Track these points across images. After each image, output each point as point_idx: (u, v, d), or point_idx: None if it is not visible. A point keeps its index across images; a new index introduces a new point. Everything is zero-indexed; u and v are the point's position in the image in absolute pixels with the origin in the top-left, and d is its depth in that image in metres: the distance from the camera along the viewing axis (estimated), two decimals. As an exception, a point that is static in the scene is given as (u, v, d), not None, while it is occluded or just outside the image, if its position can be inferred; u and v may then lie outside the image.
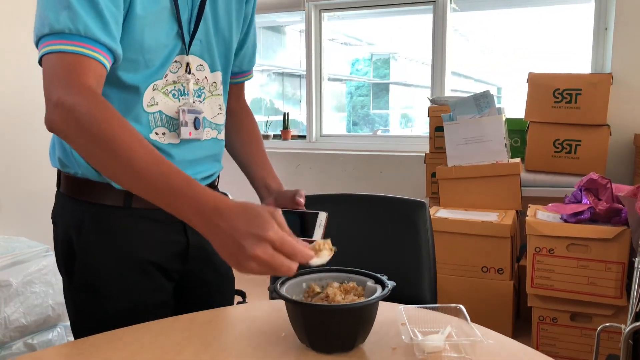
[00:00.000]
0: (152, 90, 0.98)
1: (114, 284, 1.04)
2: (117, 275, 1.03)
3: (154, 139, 1.00)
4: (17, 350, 1.69)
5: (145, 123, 0.99)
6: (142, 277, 1.05)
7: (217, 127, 1.10)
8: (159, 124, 1.00)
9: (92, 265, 1.03)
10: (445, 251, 2.37)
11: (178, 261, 1.11)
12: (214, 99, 1.08)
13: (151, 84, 0.97)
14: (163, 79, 0.99)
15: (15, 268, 1.68)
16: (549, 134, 2.72)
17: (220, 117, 1.11)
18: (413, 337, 0.91)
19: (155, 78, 0.98)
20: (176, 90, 1.01)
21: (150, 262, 1.06)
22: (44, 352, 0.94)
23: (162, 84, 0.99)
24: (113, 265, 1.03)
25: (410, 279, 1.37)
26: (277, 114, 4.19)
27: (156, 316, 1.04)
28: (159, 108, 0.99)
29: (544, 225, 2.13)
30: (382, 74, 5.51)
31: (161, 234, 1.06)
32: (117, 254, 1.03)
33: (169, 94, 1.00)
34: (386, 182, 3.39)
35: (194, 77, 1.02)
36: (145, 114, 0.98)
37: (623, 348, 1.70)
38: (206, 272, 1.18)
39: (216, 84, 1.08)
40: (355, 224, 1.47)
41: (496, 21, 3.80)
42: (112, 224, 1.02)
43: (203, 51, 1.04)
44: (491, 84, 4.39)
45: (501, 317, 2.34)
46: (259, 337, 0.97)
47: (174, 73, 1.00)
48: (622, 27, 2.84)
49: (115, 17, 0.87)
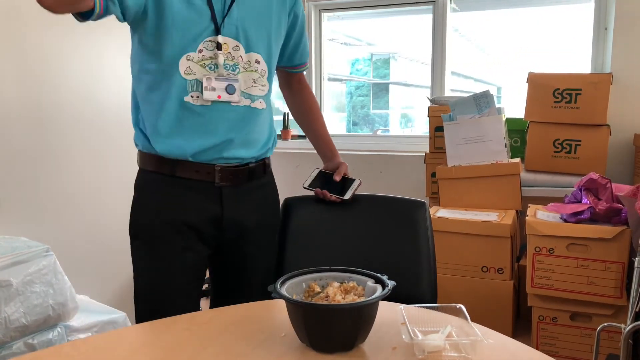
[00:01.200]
0: (187, 60, 1.22)
1: (154, 239, 1.29)
2: (156, 231, 1.28)
3: (187, 100, 1.24)
4: (18, 350, 1.69)
5: (183, 87, 1.23)
6: (176, 235, 1.28)
7: (249, 96, 1.31)
8: (194, 89, 1.24)
9: (137, 221, 1.31)
10: (445, 251, 2.37)
11: (212, 227, 1.32)
12: (248, 74, 1.30)
13: (184, 55, 1.22)
14: (197, 52, 1.23)
15: (15, 268, 1.68)
16: (548, 133, 2.72)
17: (254, 89, 1.32)
18: (413, 336, 0.91)
19: (188, 50, 1.22)
20: (213, 64, 1.25)
21: (184, 223, 1.28)
22: (44, 352, 0.95)
23: (197, 57, 1.23)
24: (153, 222, 1.29)
25: (410, 279, 1.37)
26: (277, 114, 4.18)
27: (188, 275, 1.30)
28: (196, 77, 1.24)
29: (544, 225, 2.13)
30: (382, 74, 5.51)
31: (198, 200, 1.29)
32: (158, 214, 1.29)
33: (205, 66, 1.24)
34: (386, 182, 3.39)
35: (228, 54, 1.26)
36: (183, 80, 1.23)
37: (623, 348, 1.70)
38: (242, 244, 1.38)
39: (250, 62, 1.30)
40: (355, 224, 1.47)
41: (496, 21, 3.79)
42: (157, 189, 1.30)
43: (239, 34, 1.27)
44: (491, 83, 4.38)
45: (501, 317, 2.34)
46: (259, 337, 0.97)
47: (210, 50, 1.24)
48: (622, 27, 2.84)
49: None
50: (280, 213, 1.51)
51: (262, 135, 1.38)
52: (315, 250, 1.47)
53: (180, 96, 1.24)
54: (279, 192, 1.49)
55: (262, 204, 1.41)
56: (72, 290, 1.83)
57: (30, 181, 1.99)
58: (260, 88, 1.33)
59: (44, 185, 1.99)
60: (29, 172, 1.98)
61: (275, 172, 1.49)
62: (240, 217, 1.35)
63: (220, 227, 1.33)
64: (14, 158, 1.94)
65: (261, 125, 1.37)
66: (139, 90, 1.30)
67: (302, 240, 1.49)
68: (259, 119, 1.36)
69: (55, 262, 1.78)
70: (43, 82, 2.04)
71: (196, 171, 1.28)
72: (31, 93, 1.99)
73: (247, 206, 1.36)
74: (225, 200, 1.31)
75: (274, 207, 1.48)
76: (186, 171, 1.28)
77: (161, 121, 1.25)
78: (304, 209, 1.52)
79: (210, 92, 1.24)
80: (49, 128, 2.06)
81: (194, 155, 1.27)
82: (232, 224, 1.34)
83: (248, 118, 1.32)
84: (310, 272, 1.02)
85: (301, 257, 1.47)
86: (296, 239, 1.50)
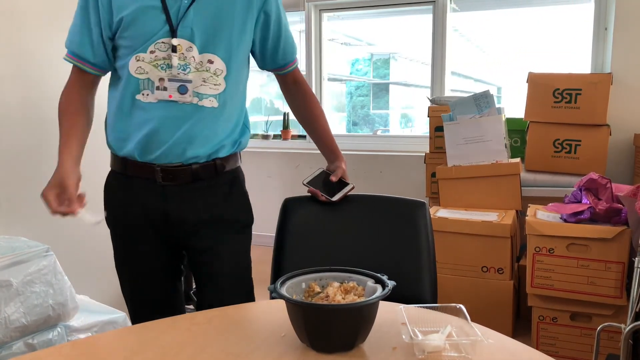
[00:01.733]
0: (136, 60, 1.29)
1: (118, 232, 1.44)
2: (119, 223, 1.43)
3: (138, 98, 1.31)
4: (18, 350, 1.69)
5: (135, 85, 1.30)
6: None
7: (197, 95, 1.33)
8: (145, 87, 1.30)
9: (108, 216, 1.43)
10: (445, 251, 2.37)
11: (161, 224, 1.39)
12: (199, 74, 1.32)
13: (134, 56, 1.29)
14: (148, 53, 1.29)
15: (15, 268, 1.67)
16: (548, 133, 2.72)
17: (203, 87, 1.33)
18: (413, 336, 0.91)
19: (138, 52, 1.29)
20: (165, 64, 1.30)
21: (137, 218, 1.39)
22: (44, 352, 0.95)
23: (148, 57, 1.29)
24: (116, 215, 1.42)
25: (410, 279, 1.37)
26: (277, 114, 4.19)
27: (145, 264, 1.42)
28: (148, 76, 1.30)
29: (543, 225, 2.13)
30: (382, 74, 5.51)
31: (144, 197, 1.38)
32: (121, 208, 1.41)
33: (158, 66, 1.30)
34: (386, 182, 3.39)
35: (181, 55, 1.30)
36: (135, 79, 1.30)
37: (623, 348, 1.70)
38: (195, 241, 1.41)
39: (202, 62, 1.32)
40: (355, 224, 1.47)
41: (496, 21, 3.79)
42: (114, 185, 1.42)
43: (193, 36, 1.30)
44: (491, 83, 4.38)
45: (501, 317, 2.34)
46: (259, 337, 0.97)
47: (163, 52, 1.29)
48: (622, 27, 2.84)
49: (102, 42, 1.33)
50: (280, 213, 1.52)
51: (213, 133, 1.38)
52: (315, 250, 1.47)
53: (134, 93, 1.32)
54: (279, 192, 1.50)
55: (215, 202, 1.42)
56: (72, 290, 1.83)
57: (30, 181, 1.99)
58: (211, 87, 1.34)
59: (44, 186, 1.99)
60: (29, 173, 1.98)
61: (275, 172, 1.49)
62: (186, 214, 1.38)
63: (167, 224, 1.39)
64: (14, 158, 1.94)
65: (211, 123, 1.36)
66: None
67: (302, 240, 1.49)
68: (208, 117, 1.36)
69: (55, 262, 1.78)
70: (43, 82, 2.04)
71: (140, 168, 1.36)
72: (31, 94, 1.99)
73: (193, 204, 1.39)
74: (168, 195, 1.37)
75: (238, 202, 1.48)
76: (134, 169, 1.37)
77: (114, 117, 1.36)
78: (304, 209, 1.52)
79: (161, 91, 1.30)
80: (49, 128, 2.07)
81: (140, 155, 1.34)
82: (179, 221, 1.38)
83: (192, 115, 1.34)
84: (310, 272, 1.02)
85: (301, 257, 1.46)
86: (296, 239, 1.49)
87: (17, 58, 1.97)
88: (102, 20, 1.30)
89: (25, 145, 1.95)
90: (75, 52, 1.33)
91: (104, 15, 1.30)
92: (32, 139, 1.98)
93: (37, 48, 2.03)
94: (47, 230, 2.01)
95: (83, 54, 1.33)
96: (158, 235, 1.39)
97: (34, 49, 2.01)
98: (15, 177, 1.92)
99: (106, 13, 1.29)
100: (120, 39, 1.31)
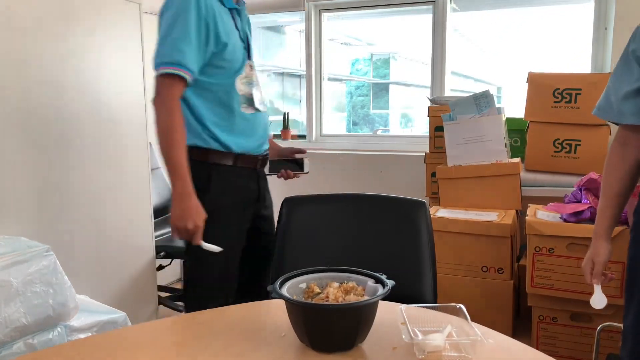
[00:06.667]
0: (239, 81, 1.62)
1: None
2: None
3: (241, 110, 1.63)
4: (18, 350, 1.69)
5: (237, 101, 1.62)
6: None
7: (263, 103, 1.73)
8: (244, 102, 1.64)
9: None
10: (445, 251, 2.37)
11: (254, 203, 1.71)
12: (259, 86, 1.72)
13: (237, 77, 1.62)
14: (243, 73, 1.63)
15: (15, 268, 1.67)
16: (548, 133, 2.72)
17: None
18: (413, 336, 0.91)
19: (239, 74, 1.62)
20: (249, 82, 1.65)
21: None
22: (44, 352, 0.95)
23: (241, 77, 1.63)
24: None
25: (410, 279, 1.37)
26: (277, 114, 4.18)
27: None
28: (243, 92, 1.64)
29: (543, 225, 2.13)
30: (382, 74, 5.51)
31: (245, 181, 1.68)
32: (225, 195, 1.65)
33: (246, 84, 1.64)
34: (386, 182, 3.39)
35: (254, 73, 1.69)
36: (238, 95, 1.62)
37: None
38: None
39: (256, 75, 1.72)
40: (355, 224, 1.47)
41: (496, 21, 3.79)
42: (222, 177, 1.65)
43: (252, 56, 1.70)
44: (491, 83, 4.37)
45: (501, 317, 2.34)
46: (259, 337, 0.97)
47: (247, 71, 1.65)
48: (622, 27, 2.84)
49: (204, 59, 1.55)
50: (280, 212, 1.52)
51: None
52: (315, 250, 1.47)
53: (238, 107, 1.63)
54: (279, 192, 1.51)
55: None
56: (72, 290, 1.83)
57: (30, 181, 1.99)
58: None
59: (44, 186, 1.99)
60: (29, 172, 1.98)
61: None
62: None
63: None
64: (14, 158, 1.94)
65: None
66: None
67: (302, 240, 1.49)
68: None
69: (55, 262, 1.78)
70: (42, 82, 2.04)
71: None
72: (31, 94, 1.99)
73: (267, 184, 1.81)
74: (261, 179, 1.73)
75: None
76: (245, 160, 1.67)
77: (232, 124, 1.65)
78: (304, 208, 1.52)
79: (256, 103, 1.67)
80: (49, 128, 2.06)
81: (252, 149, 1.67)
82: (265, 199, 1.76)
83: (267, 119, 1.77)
84: (309, 272, 1.02)
85: (301, 257, 1.46)
86: (296, 238, 1.50)
87: (18, 58, 1.97)
88: (208, 40, 1.51)
89: (25, 144, 1.95)
90: (182, 63, 1.46)
91: (212, 35, 1.52)
92: (32, 139, 1.99)
93: (37, 48, 2.03)
94: (47, 230, 2.01)
95: (191, 65, 1.48)
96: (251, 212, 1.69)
97: (34, 49, 2.02)
98: (16, 177, 1.92)
99: (213, 34, 1.52)
100: (218, 59, 1.55)
